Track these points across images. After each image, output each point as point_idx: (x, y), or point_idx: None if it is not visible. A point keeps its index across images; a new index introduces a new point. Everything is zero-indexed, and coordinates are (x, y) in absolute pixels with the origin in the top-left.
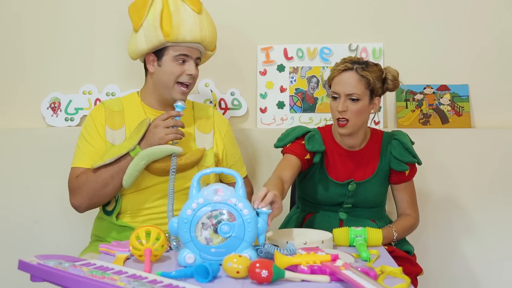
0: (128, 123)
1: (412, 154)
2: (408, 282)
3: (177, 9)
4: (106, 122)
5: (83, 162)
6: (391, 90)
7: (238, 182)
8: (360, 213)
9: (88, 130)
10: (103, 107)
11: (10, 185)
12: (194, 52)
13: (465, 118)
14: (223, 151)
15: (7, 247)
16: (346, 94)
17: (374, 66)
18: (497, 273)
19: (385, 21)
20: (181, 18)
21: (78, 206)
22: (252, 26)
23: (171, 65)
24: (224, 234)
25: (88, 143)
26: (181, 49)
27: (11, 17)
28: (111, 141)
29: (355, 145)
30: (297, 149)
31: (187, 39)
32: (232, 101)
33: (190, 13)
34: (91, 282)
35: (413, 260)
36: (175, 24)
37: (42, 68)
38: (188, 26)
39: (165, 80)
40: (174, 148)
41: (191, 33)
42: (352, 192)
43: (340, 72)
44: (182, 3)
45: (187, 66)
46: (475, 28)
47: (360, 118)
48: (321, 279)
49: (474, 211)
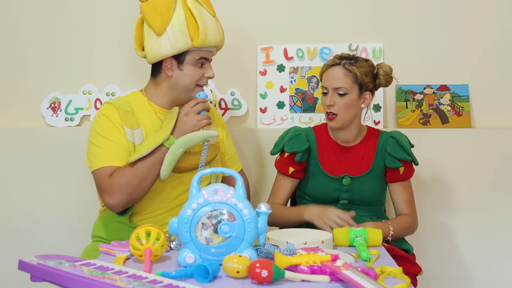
0: (142, 123)
1: (407, 152)
2: (408, 282)
3: (200, 14)
4: (123, 121)
5: (112, 160)
6: (384, 85)
7: (238, 182)
8: (357, 211)
9: (107, 130)
10: (113, 107)
11: (10, 185)
12: (210, 55)
13: (465, 118)
14: (224, 144)
15: (7, 247)
16: (333, 88)
17: (363, 62)
18: (497, 273)
19: (385, 21)
20: (206, 24)
21: (116, 204)
22: (252, 26)
23: (192, 69)
24: (224, 234)
25: (111, 141)
26: (202, 53)
27: (11, 17)
28: (132, 141)
29: (349, 140)
30: (282, 164)
31: (212, 44)
32: (232, 101)
33: (210, 18)
34: (91, 282)
35: (413, 260)
36: (202, 30)
37: (42, 68)
38: (212, 31)
39: (186, 83)
40: (211, 132)
41: (215, 37)
42: (347, 187)
43: (328, 68)
44: (202, 8)
45: (205, 69)
46: (475, 28)
47: (349, 112)
48: (321, 279)
49: (474, 211)
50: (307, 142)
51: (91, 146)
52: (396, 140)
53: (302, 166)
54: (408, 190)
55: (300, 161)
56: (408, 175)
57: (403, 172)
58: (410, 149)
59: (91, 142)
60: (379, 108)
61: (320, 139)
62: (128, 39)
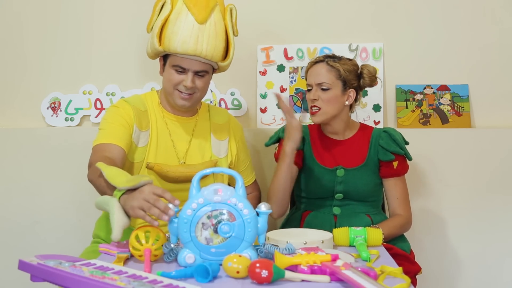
0: (151, 127)
1: (399, 146)
2: (408, 282)
3: (176, 18)
4: (135, 120)
5: (109, 138)
6: (368, 85)
7: (238, 182)
8: (354, 207)
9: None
10: (129, 106)
11: (10, 185)
12: (193, 65)
13: (465, 118)
14: (236, 156)
15: (7, 247)
16: (316, 84)
17: (347, 60)
18: (496, 272)
19: (385, 21)
20: (175, 28)
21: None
22: (252, 26)
23: (170, 72)
24: (224, 234)
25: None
26: (178, 60)
27: (11, 17)
28: (136, 141)
29: (337, 132)
30: (279, 151)
31: (178, 51)
32: (232, 101)
33: (189, 24)
34: (91, 282)
35: (412, 259)
36: (168, 34)
37: (42, 68)
38: (180, 37)
39: (166, 86)
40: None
41: (183, 45)
42: (341, 178)
43: (312, 65)
44: (187, 11)
45: (184, 77)
46: (475, 28)
47: (332, 106)
48: (321, 279)
49: (473, 211)
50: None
51: (97, 132)
52: (389, 134)
53: (298, 155)
54: (401, 187)
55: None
56: (402, 171)
57: (397, 167)
58: (404, 144)
59: (99, 128)
60: (379, 108)
61: (314, 134)
62: (128, 39)
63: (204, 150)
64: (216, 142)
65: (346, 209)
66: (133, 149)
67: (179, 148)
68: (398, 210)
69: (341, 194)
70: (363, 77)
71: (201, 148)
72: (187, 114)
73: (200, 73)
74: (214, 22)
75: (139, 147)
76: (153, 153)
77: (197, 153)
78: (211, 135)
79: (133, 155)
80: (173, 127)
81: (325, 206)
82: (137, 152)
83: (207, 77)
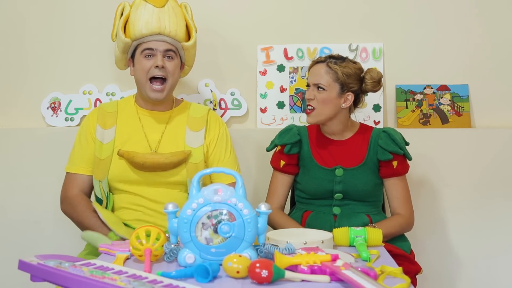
0: (119, 123)
1: (399, 146)
2: (408, 282)
3: (135, 10)
4: (98, 121)
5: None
6: (370, 90)
7: (238, 182)
8: (353, 207)
9: (81, 133)
10: (96, 110)
11: (10, 185)
12: (160, 45)
13: (465, 118)
14: (214, 147)
15: (7, 247)
16: (313, 84)
17: (350, 63)
18: (497, 272)
19: (385, 21)
20: (136, 15)
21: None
22: (252, 26)
23: (140, 61)
24: (224, 234)
25: (80, 145)
26: (144, 44)
27: (11, 17)
28: (100, 139)
29: (336, 134)
30: (274, 159)
31: (143, 33)
32: (232, 101)
33: (149, 9)
34: (91, 282)
35: (412, 259)
36: (131, 22)
37: (42, 68)
38: (143, 20)
39: (139, 78)
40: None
41: (147, 25)
42: (340, 178)
43: (313, 64)
44: (144, 3)
45: (154, 60)
46: (475, 28)
47: (326, 107)
48: (321, 279)
49: (473, 211)
50: (297, 135)
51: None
52: (388, 134)
53: (293, 160)
54: (402, 187)
55: (290, 153)
56: (402, 171)
57: (397, 167)
58: (403, 144)
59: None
60: (379, 108)
61: (313, 135)
62: None
63: (177, 140)
64: (190, 133)
65: (346, 209)
66: (98, 147)
67: (151, 139)
68: (398, 210)
69: (340, 194)
70: (365, 82)
71: (175, 139)
72: (161, 108)
73: (168, 53)
74: (172, 7)
75: (105, 144)
76: (123, 145)
77: (170, 143)
78: (186, 127)
79: (100, 152)
80: (145, 121)
81: (325, 206)
82: (103, 149)
83: (176, 60)
